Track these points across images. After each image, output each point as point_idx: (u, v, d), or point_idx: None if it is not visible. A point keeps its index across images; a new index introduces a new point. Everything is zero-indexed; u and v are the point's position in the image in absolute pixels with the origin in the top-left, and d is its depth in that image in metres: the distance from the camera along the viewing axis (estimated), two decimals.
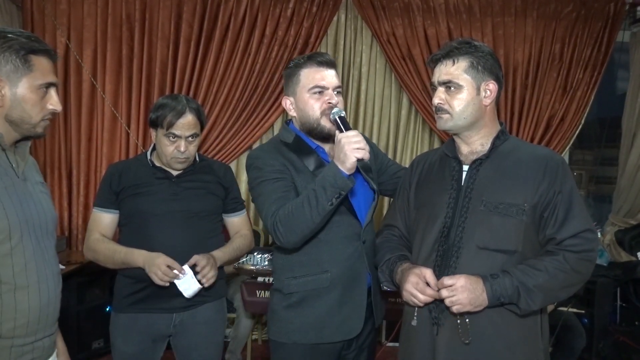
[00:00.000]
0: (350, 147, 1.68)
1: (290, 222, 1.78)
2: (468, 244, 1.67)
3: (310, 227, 1.78)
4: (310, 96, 1.92)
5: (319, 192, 1.72)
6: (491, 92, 1.73)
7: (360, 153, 1.68)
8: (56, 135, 4.22)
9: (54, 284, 1.59)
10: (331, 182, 1.71)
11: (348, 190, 1.73)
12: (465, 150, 1.79)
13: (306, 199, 1.75)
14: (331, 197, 1.71)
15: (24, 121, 1.52)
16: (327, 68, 1.93)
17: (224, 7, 4.24)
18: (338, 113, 1.83)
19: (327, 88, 1.91)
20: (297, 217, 1.76)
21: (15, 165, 1.55)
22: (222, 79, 4.28)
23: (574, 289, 1.69)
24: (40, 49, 1.51)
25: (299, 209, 1.76)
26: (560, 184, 1.66)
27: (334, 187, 1.70)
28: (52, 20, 4.12)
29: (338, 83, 1.94)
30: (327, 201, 1.72)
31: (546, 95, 4.52)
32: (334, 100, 1.90)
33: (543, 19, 4.48)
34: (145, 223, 2.19)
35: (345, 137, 1.71)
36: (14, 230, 1.46)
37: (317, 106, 1.91)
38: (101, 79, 4.20)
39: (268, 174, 1.89)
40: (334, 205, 1.74)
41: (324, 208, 1.73)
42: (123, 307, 2.22)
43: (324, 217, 1.77)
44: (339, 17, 4.49)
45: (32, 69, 1.49)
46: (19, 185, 1.53)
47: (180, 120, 2.14)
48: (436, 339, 1.68)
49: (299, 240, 1.83)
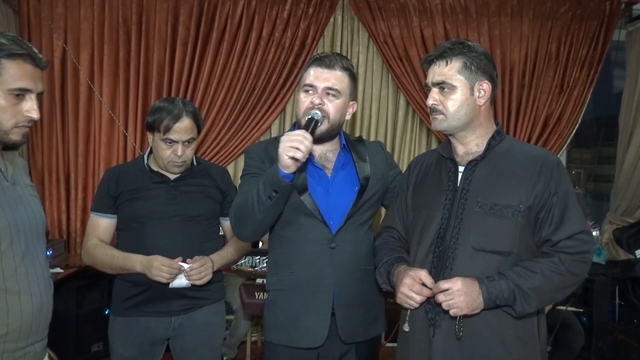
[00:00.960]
0: (284, 145, 1.69)
1: (239, 215, 1.84)
2: (464, 245, 1.66)
3: (255, 221, 1.81)
4: (302, 94, 1.92)
5: (260, 187, 1.76)
6: (485, 92, 1.73)
7: (291, 152, 1.67)
8: (54, 138, 4.21)
9: (45, 288, 1.59)
10: (270, 178, 1.74)
11: (283, 189, 1.74)
12: (461, 150, 1.79)
13: (251, 194, 1.79)
14: (269, 193, 1.74)
15: None
16: (325, 69, 1.89)
17: (221, 9, 4.24)
18: (310, 114, 1.82)
19: (315, 87, 1.89)
20: (244, 210, 1.81)
21: (4, 169, 1.54)
22: (220, 81, 4.28)
23: (569, 291, 1.70)
24: (13, 52, 1.44)
25: (246, 203, 1.80)
26: (556, 185, 1.66)
27: (271, 184, 1.74)
28: (48, 24, 4.12)
29: (332, 85, 1.88)
30: (265, 197, 1.75)
31: (543, 95, 4.52)
32: (317, 100, 1.87)
33: (539, 19, 4.48)
34: (143, 227, 2.19)
35: (285, 135, 1.73)
36: (4, 234, 1.46)
37: (304, 104, 1.90)
38: (98, 82, 4.20)
39: (247, 169, 1.96)
40: (276, 202, 1.76)
41: (263, 204, 1.76)
42: (122, 310, 2.22)
43: (267, 213, 1.79)
44: (335, 18, 4.49)
45: (1, 72, 1.43)
46: (8, 190, 1.53)
47: (177, 124, 2.14)
48: (432, 340, 1.67)
49: (249, 234, 1.90)
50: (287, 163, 1.69)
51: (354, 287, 1.93)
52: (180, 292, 2.17)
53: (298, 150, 1.67)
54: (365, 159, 2.02)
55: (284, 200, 1.80)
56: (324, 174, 1.95)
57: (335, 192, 1.94)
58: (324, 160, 1.97)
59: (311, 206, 1.88)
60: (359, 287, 1.95)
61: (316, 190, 1.90)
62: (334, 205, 1.93)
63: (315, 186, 1.91)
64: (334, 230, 1.91)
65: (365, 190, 1.96)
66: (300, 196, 1.87)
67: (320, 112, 1.83)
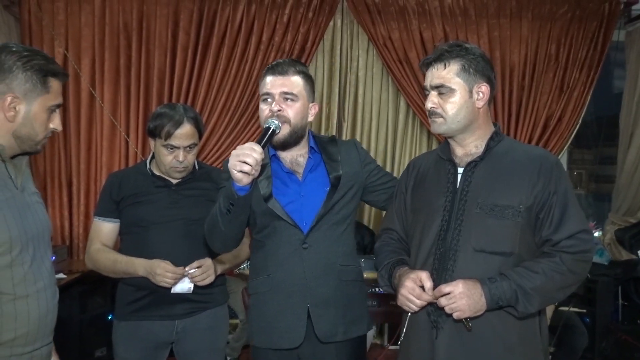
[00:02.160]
0: (232, 160, 1.72)
1: (208, 229, 1.93)
2: (465, 247, 1.67)
3: (221, 234, 1.88)
4: (261, 103, 1.95)
5: (220, 200, 1.84)
6: (484, 94, 1.73)
7: (238, 166, 1.69)
8: (56, 145, 4.23)
9: (52, 294, 1.62)
10: (226, 192, 1.80)
11: (239, 201, 1.77)
12: (459, 152, 1.79)
13: (215, 207, 1.86)
14: (227, 206, 1.80)
15: (30, 138, 1.56)
16: (279, 75, 1.92)
17: (221, 14, 4.25)
18: (268, 123, 1.83)
19: (272, 94, 1.91)
20: (210, 225, 1.90)
21: (14, 177, 1.57)
22: (220, 85, 4.29)
23: (570, 290, 1.70)
24: (57, 72, 1.57)
25: (211, 217, 1.88)
26: (555, 184, 1.66)
27: (227, 198, 1.79)
28: (49, 30, 4.14)
29: (287, 90, 1.90)
30: (225, 210, 1.81)
31: (543, 96, 4.53)
32: (275, 108, 1.88)
33: (538, 20, 4.49)
34: (146, 231, 2.20)
35: (235, 149, 1.73)
36: (14, 242, 1.49)
37: (264, 113, 1.92)
38: (99, 88, 4.21)
39: (221, 182, 1.99)
40: (234, 214, 1.81)
41: (224, 216, 1.82)
42: (125, 315, 2.24)
43: (230, 225, 1.85)
44: (335, 22, 4.50)
45: (49, 90, 1.55)
46: (18, 197, 1.55)
47: (178, 130, 2.16)
48: (435, 342, 1.68)
49: (219, 245, 1.97)
50: (237, 177, 1.71)
51: (330, 286, 1.94)
52: (184, 296, 2.19)
53: (245, 164, 1.69)
54: (336, 158, 2.02)
55: (242, 212, 1.84)
56: (296, 178, 1.98)
57: (307, 194, 1.96)
58: (295, 165, 1.99)
59: (279, 211, 1.91)
60: (336, 286, 1.95)
61: (287, 194, 1.94)
62: (305, 207, 1.95)
63: (286, 191, 1.95)
64: (305, 230, 1.93)
65: (337, 190, 1.97)
66: (267, 203, 1.91)
67: (277, 121, 1.85)
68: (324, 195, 1.96)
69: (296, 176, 1.97)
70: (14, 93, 1.50)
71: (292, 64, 1.95)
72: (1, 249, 1.46)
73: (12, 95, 1.50)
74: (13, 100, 1.50)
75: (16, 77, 1.50)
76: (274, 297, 1.93)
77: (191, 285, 2.17)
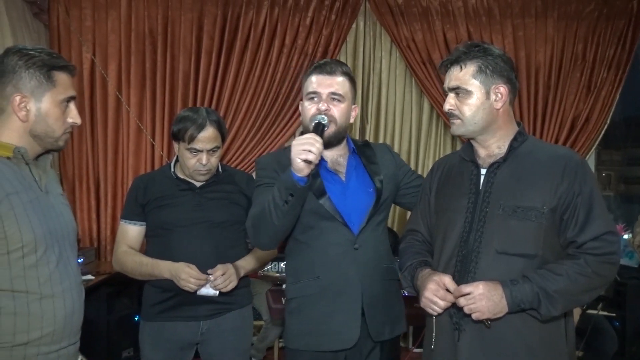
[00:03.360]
0: (295, 149, 1.72)
1: (257, 223, 1.86)
2: (487, 248, 1.65)
3: (272, 228, 1.83)
4: (307, 102, 1.95)
5: (276, 193, 1.78)
6: (502, 95, 1.70)
7: (304, 155, 1.69)
8: (84, 148, 4.31)
9: (78, 294, 1.64)
10: (284, 183, 1.76)
11: (299, 192, 1.75)
12: (482, 153, 1.77)
13: (267, 201, 1.81)
14: (285, 197, 1.76)
15: (47, 135, 1.58)
16: (327, 75, 1.94)
17: (244, 18, 4.29)
18: (317, 119, 1.85)
19: (319, 94, 1.92)
20: (261, 219, 1.83)
21: (38, 179, 1.60)
22: (244, 89, 4.33)
23: (596, 293, 1.67)
24: (61, 64, 1.58)
25: (262, 210, 1.82)
26: (580, 185, 1.63)
27: (286, 189, 1.75)
28: (77, 37, 4.22)
29: (335, 90, 1.93)
30: (282, 202, 1.76)
31: (570, 96, 4.46)
32: (323, 107, 1.90)
33: (564, 19, 4.43)
34: (170, 234, 2.23)
35: (296, 139, 1.75)
36: (39, 242, 1.52)
37: (310, 111, 1.93)
38: (126, 92, 4.29)
39: (260, 179, 1.98)
40: (292, 206, 1.77)
41: (280, 209, 1.77)
42: (151, 316, 2.26)
43: (285, 219, 1.81)
44: (357, 24, 4.51)
45: (55, 84, 1.56)
46: (42, 198, 1.58)
47: (201, 134, 2.17)
48: (457, 344, 1.66)
49: (267, 241, 1.91)
50: (300, 166, 1.72)
51: (378, 286, 1.96)
52: (208, 297, 2.20)
53: (310, 153, 1.70)
54: (375, 161, 2.05)
55: (300, 204, 1.82)
56: (338, 178, 1.98)
57: (351, 194, 1.97)
58: (336, 165, 2.00)
59: (331, 209, 1.90)
60: (382, 286, 1.98)
61: (333, 193, 1.93)
62: (352, 207, 1.95)
63: (331, 190, 1.94)
64: (356, 231, 1.93)
65: (383, 191, 1.99)
66: (319, 200, 1.89)
67: (326, 117, 1.87)
68: (369, 196, 1.98)
69: (339, 176, 1.98)
70: (22, 92, 1.52)
71: (339, 65, 1.98)
72: (26, 249, 1.49)
73: (20, 95, 1.52)
74: (22, 100, 1.52)
75: (20, 77, 1.52)
76: (323, 299, 1.91)
77: (217, 292, 2.18)
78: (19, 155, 1.54)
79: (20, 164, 1.56)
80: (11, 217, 1.47)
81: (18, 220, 1.48)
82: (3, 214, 1.46)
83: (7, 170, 1.51)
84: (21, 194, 1.51)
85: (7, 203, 1.47)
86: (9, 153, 1.53)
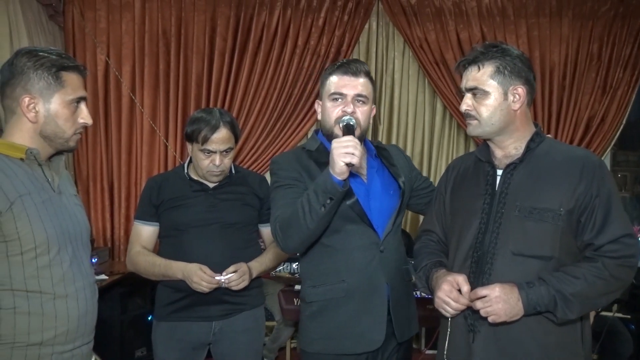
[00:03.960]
0: (338, 151, 1.68)
1: (287, 227, 1.80)
2: (502, 250, 1.63)
3: (306, 232, 1.78)
4: (330, 102, 1.93)
5: (312, 196, 1.74)
6: (520, 96, 1.68)
7: (348, 158, 1.67)
8: (98, 149, 4.35)
9: (91, 294, 1.65)
10: (322, 186, 1.72)
11: (339, 195, 1.73)
12: (499, 154, 1.75)
13: (300, 204, 1.76)
14: (322, 201, 1.72)
15: (57, 136, 1.58)
16: (352, 77, 1.91)
17: (257, 19, 4.31)
18: (346, 121, 1.83)
19: (345, 95, 1.90)
20: (293, 222, 1.78)
21: (51, 180, 1.61)
22: (256, 90, 4.34)
23: (613, 296, 1.64)
24: (70, 65, 1.58)
25: (295, 214, 1.77)
26: (598, 187, 1.61)
27: (325, 192, 1.71)
28: (92, 38, 4.26)
29: (361, 92, 1.90)
30: (319, 206, 1.72)
31: (585, 96, 4.42)
32: (349, 109, 1.88)
33: (579, 19, 4.39)
34: (184, 235, 2.24)
35: (336, 141, 1.71)
36: (52, 243, 1.53)
37: (334, 113, 1.91)
38: (140, 93, 4.32)
39: (282, 180, 1.92)
40: (328, 210, 1.74)
41: (317, 213, 1.73)
42: (164, 315, 2.28)
43: (320, 222, 1.77)
44: (370, 24, 4.50)
45: (64, 84, 1.56)
46: (55, 199, 1.59)
47: (214, 135, 2.18)
48: (472, 346, 1.65)
49: (297, 245, 1.85)
50: (343, 169, 1.69)
51: (401, 287, 1.96)
52: (221, 298, 2.21)
53: (354, 156, 1.68)
54: (393, 162, 2.04)
55: (336, 208, 1.79)
56: (361, 180, 1.96)
57: (375, 196, 1.95)
58: (358, 167, 1.96)
59: (359, 212, 1.88)
60: (403, 287, 1.98)
61: (358, 196, 1.90)
62: (376, 210, 1.93)
63: (356, 193, 1.90)
64: (381, 234, 1.92)
65: (404, 193, 1.99)
66: (347, 202, 1.86)
67: (353, 119, 1.85)
68: (393, 198, 1.98)
69: (361, 178, 1.96)
70: (30, 93, 1.53)
71: (362, 64, 1.95)
72: (39, 250, 1.51)
73: (28, 96, 1.52)
74: (30, 101, 1.53)
75: (29, 78, 1.52)
76: (348, 303, 1.89)
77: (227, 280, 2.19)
78: (31, 156, 1.55)
79: (32, 165, 1.57)
80: (24, 218, 1.48)
81: (31, 221, 1.49)
82: (16, 215, 1.47)
83: (19, 172, 1.53)
84: (34, 195, 1.52)
85: (20, 204, 1.48)
86: (22, 154, 1.54)
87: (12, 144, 1.55)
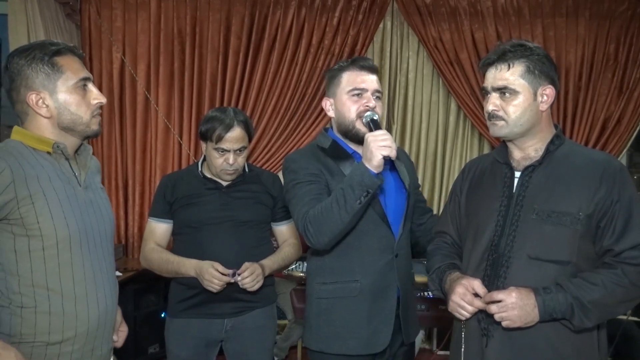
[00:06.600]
0: (376, 144, 1.68)
1: (320, 222, 1.78)
2: (519, 253, 1.60)
3: (340, 227, 1.76)
4: (348, 98, 1.92)
5: (347, 191, 1.72)
6: (548, 97, 1.65)
7: (386, 151, 1.67)
8: (113, 147, 4.38)
9: (111, 293, 1.64)
10: (359, 180, 1.70)
11: (376, 189, 1.72)
12: (517, 156, 1.71)
13: (335, 198, 1.75)
14: (359, 195, 1.70)
15: (76, 123, 1.56)
16: (369, 72, 1.93)
17: (271, 18, 4.31)
18: (370, 116, 1.83)
19: (367, 91, 1.91)
20: (326, 217, 1.76)
21: (78, 174, 1.60)
22: (270, 88, 4.35)
23: (632, 304, 1.61)
24: (61, 48, 1.54)
25: (328, 209, 1.76)
26: (619, 192, 1.57)
27: (362, 186, 1.70)
28: (108, 37, 4.30)
29: (378, 88, 1.94)
30: (355, 200, 1.71)
31: (601, 97, 4.37)
32: (372, 104, 1.89)
33: (596, 19, 4.34)
34: (197, 232, 2.25)
35: (372, 135, 1.72)
36: (74, 239, 1.52)
37: (354, 108, 1.91)
38: (154, 92, 4.34)
39: (302, 177, 1.90)
40: (363, 204, 1.73)
41: (353, 207, 1.72)
42: (177, 312, 2.29)
43: (354, 217, 1.76)
44: (384, 24, 4.49)
45: (63, 70, 1.53)
46: (80, 194, 1.58)
47: (228, 134, 2.19)
48: (485, 350, 1.63)
49: (329, 241, 1.81)
50: (380, 162, 1.70)
51: (410, 291, 1.97)
52: (233, 296, 2.22)
53: (392, 149, 1.69)
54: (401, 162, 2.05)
55: (369, 203, 1.79)
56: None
57: (389, 196, 1.94)
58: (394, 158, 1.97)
59: (379, 212, 1.88)
60: (411, 290, 1.99)
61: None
62: (392, 209, 1.93)
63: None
64: (397, 236, 1.92)
65: (410, 196, 1.99)
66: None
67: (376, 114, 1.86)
68: (402, 197, 1.98)
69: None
70: (34, 90, 1.51)
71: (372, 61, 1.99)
72: (61, 245, 1.50)
73: (34, 93, 1.51)
74: (37, 97, 1.51)
75: (27, 75, 1.50)
76: (358, 303, 1.88)
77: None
78: (58, 150, 1.54)
79: (60, 160, 1.56)
80: (46, 213, 1.47)
81: (53, 217, 1.48)
82: (38, 209, 1.46)
83: (46, 165, 1.52)
84: (58, 190, 1.51)
85: (43, 198, 1.46)
86: (49, 148, 1.53)
87: (39, 137, 1.53)
